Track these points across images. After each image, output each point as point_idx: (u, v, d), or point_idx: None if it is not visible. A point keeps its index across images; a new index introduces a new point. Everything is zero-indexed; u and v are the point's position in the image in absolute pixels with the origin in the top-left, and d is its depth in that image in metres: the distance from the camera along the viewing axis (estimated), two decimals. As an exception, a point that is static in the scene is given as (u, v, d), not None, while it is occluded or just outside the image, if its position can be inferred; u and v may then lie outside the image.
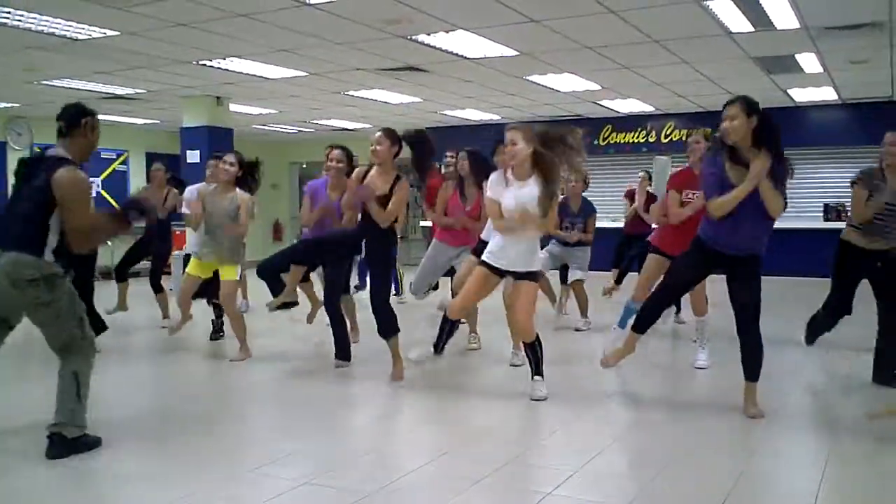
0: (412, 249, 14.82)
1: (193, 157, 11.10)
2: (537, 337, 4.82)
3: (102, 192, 12.81)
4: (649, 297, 4.78)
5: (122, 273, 7.91)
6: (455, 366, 5.98)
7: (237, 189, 6.05)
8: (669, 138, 13.23)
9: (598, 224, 7.63)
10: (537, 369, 4.84)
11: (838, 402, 4.87)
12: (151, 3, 6.06)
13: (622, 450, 4.06)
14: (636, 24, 6.88)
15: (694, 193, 5.49)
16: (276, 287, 5.63)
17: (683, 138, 13.11)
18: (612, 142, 13.67)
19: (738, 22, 6.80)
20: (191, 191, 7.43)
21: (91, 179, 6.37)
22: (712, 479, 3.47)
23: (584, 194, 7.48)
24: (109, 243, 8.23)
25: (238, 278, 6.19)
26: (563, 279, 8.05)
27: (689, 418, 4.47)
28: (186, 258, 7.06)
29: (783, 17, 6.62)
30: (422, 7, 6.28)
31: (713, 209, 4.20)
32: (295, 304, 5.83)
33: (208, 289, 6.43)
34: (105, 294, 7.22)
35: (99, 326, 6.14)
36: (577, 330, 7.37)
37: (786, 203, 4.16)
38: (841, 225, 5.91)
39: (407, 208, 17.02)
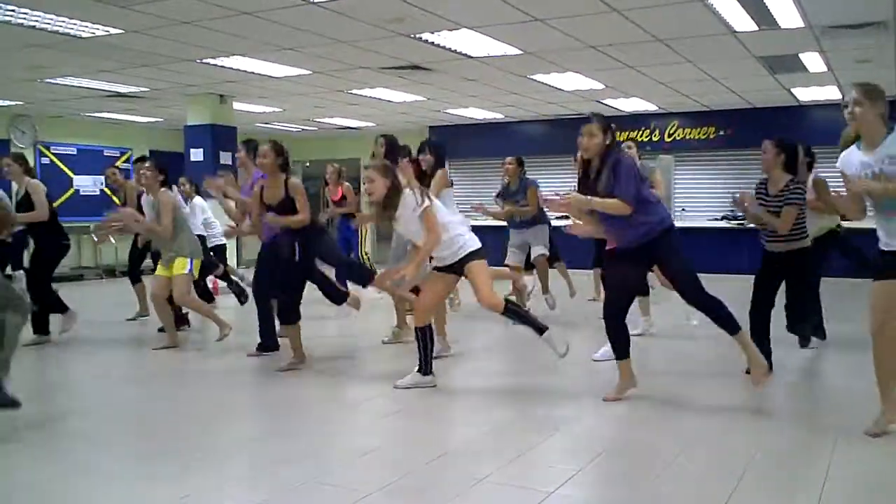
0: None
1: (197, 155, 11.12)
2: (507, 301, 4.95)
3: (105, 190, 12.81)
4: (606, 324, 4.75)
5: (134, 275, 8.06)
6: (454, 365, 5.98)
7: (161, 190, 6.43)
8: (673, 137, 13.22)
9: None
10: (537, 326, 4.93)
11: (842, 401, 4.85)
12: (155, 1, 6.07)
13: (624, 449, 4.05)
14: (640, 23, 6.87)
15: None
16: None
17: (687, 137, 13.12)
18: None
19: (742, 21, 6.79)
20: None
21: (95, 178, 6.56)
22: (715, 478, 3.46)
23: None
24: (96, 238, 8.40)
25: (187, 270, 6.38)
26: (529, 266, 8.09)
27: (692, 417, 4.46)
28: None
29: (787, 16, 6.61)
30: (426, 6, 6.28)
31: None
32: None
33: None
34: (108, 293, 7.21)
35: None
36: (549, 308, 7.67)
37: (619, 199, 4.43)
38: (846, 224, 5.93)
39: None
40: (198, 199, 8.69)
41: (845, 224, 6.08)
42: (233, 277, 8.71)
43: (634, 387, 4.75)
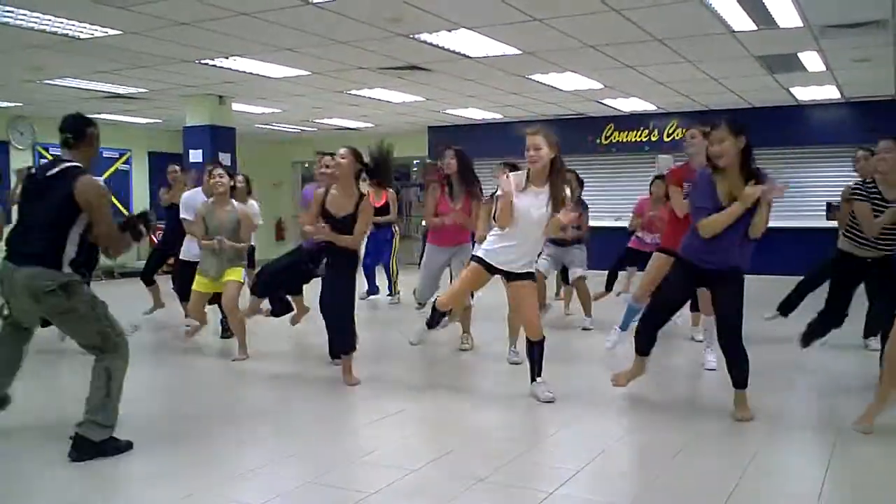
0: (414, 249, 14.81)
1: (196, 156, 11.10)
2: (543, 338, 4.84)
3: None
4: (642, 320, 4.73)
5: (149, 278, 8.11)
6: (454, 366, 5.98)
7: (234, 201, 6.20)
8: (672, 137, 13.21)
9: (602, 223, 7.63)
10: (539, 370, 4.84)
11: (840, 402, 4.86)
12: (154, 2, 6.06)
13: (624, 450, 4.05)
14: (638, 23, 6.87)
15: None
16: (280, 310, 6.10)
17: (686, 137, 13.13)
18: (614, 140, 13.65)
19: (740, 20, 6.79)
20: (189, 199, 7.06)
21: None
22: (715, 480, 3.46)
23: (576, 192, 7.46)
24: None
25: (242, 280, 6.20)
26: (566, 279, 8.05)
27: (691, 418, 4.46)
28: (181, 263, 7.05)
29: (786, 15, 6.61)
30: (424, 6, 6.28)
31: (702, 229, 4.21)
32: (289, 310, 6.08)
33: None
34: (108, 294, 7.19)
35: None
36: (584, 329, 7.31)
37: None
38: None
39: (409, 207, 17.10)
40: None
41: None
42: None
43: (642, 374, 4.76)
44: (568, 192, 4.98)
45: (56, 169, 3.77)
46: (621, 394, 4.94)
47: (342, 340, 5.27)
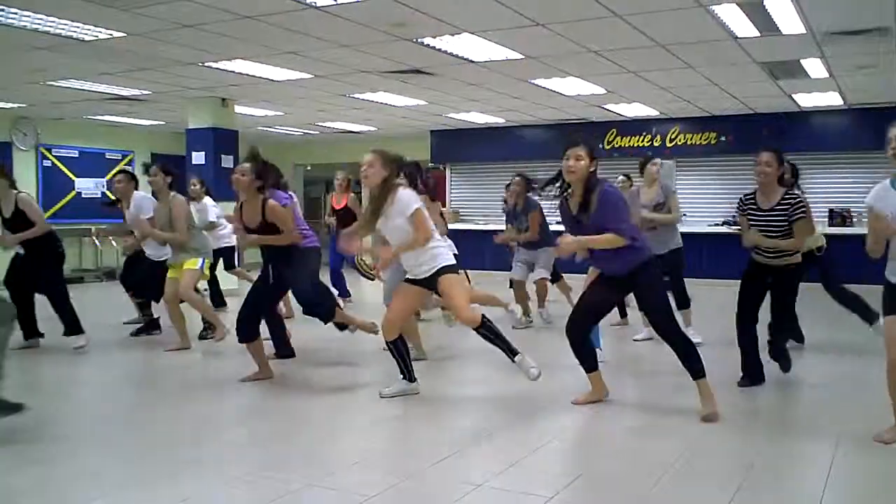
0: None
1: (199, 158, 11.11)
2: (484, 318, 4.81)
3: (108, 193, 12.82)
4: (571, 340, 4.77)
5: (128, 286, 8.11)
6: (452, 371, 5.97)
7: (171, 194, 6.53)
8: (674, 142, 13.22)
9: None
10: (510, 348, 4.80)
11: (840, 408, 4.84)
12: (158, 4, 6.07)
13: (622, 456, 4.04)
14: (642, 29, 6.87)
15: None
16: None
17: (688, 143, 13.12)
18: (616, 146, 13.66)
19: (744, 27, 6.79)
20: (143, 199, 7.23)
21: (96, 180, 6.55)
22: (715, 485, 3.45)
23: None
24: (98, 244, 8.45)
25: (197, 267, 6.48)
26: (554, 278, 8.24)
27: (690, 423, 4.45)
28: (149, 263, 7.16)
29: (789, 22, 6.61)
30: (428, 10, 6.28)
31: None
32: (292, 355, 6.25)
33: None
34: (109, 295, 7.20)
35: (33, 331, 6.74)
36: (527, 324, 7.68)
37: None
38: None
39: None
40: (207, 200, 8.68)
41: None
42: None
43: (603, 399, 4.83)
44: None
45: None
46: (618, 400, 4.93)
47: (324, 312, 5.72)
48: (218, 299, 8.82)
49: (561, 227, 4.66)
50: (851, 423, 4.42)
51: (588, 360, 4.79)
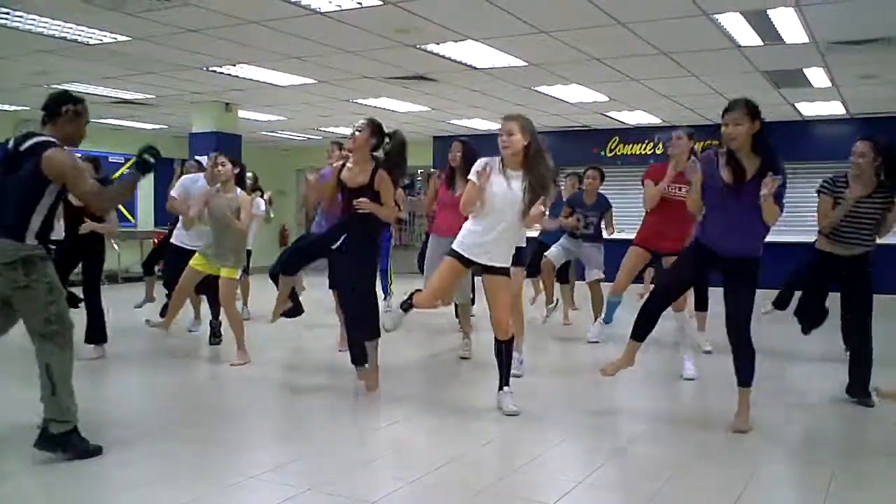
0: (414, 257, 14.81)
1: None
2: (512, 338, 4.74)
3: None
4: (645, 303, 4.63)
5: (149, 267, 8.23)
6: (455, 375, 5.97)
7: (238, 189, 6.13)
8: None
9: (606, 234, 7.59)
10: (507, 377, 4.72)
11: (841, 418, 4.84)
12: (162, 9, 6.10)
13: (623, 463, 4.04)
14: (645, 37, 6.89)
15: (672, 186, 5.72)
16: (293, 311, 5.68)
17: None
18: (619, 153, 13.68)
19: (747, 35, 6.81)
20: (188, 181, 7.06)
21: None
22: (715, 494, 3.45)
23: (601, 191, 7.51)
24: (117, 247, 8.40)
25: (237, 278, 6.20)
26: (563, 279, 8.01)
27: (694, 431, 4.45)
28: (173, 248, 7.00)
29: (792, 31, 6.63)
30: (431, 17, 6.30)
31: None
32: (300, 312, 5.79)
33: (210, 290, 6.47)
34: (109, 299, 7.20)
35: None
36: (590, 341, 7.09)
37: (782, 209, 4.11)
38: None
39: (413, 215, 17.10)
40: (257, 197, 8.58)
41: None
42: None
43: (630, 366, 4.67)
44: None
45: (27, 144, 3.77)
46: (619, 406, 4.93)
47: (368, 329, 5.12)
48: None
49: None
50: (853, 433, 4.42)
51: (644, 332, 4.56)
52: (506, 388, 4.72)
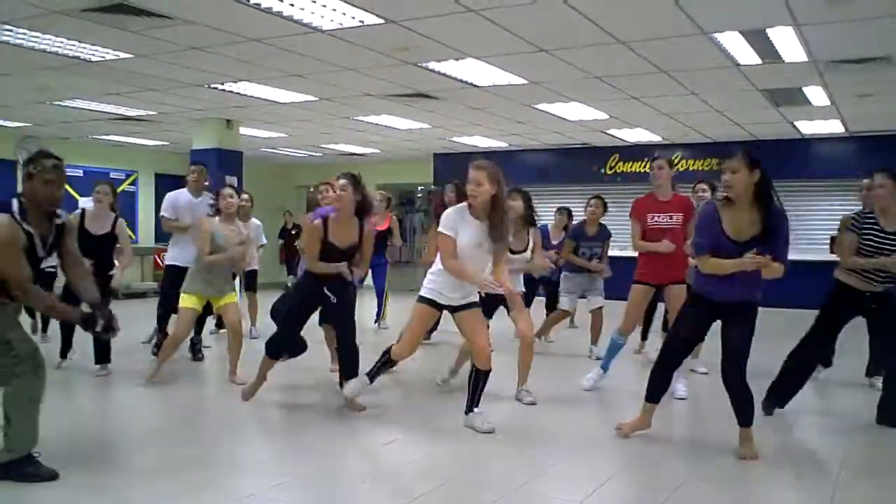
0: (419, 275, 14.82)
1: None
2: (490, 370, 4.79)
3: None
4: (656, 363, 4.56)
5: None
6: (456, 396, 5.94)
7: (238, 221, 6.27)
8: (676, 168, 13.22)
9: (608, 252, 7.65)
10: (478, 401, 4.79)
11: (843, 439, 4.81)
12: (165, 27, 6.13)
13: (626, 482, 4.02)
14: (645, 55, 6.92)
15: (660, 216, 5.69)
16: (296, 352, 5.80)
17: (690, 168, 13.17)
18: (618, 171, 13.71)
19: (746, 54, 6.84)
20: (173, 197, 7.19)
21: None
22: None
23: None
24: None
25: (238, 300, 6.35)
26: (551, 308, 8.10)
27: (693, 451, 4.43)
28: (169, 268, 7.05)
29: (791, 50, 6.66)
30: (432, 35, 6.33)
31: (703, 266, 4.16)
32: (303, 349, 5.85)
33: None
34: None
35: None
36: (597, 358, 7.02)
37: (787, 265, 4.05)
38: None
39: (413, 233, 17.13)
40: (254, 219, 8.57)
41: None
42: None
43: (647, 428, 4.63)
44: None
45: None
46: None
47: (355, 366, 5.23)
48: (219, 321, 8.79)
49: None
50: (855, 455, 4.40)
51: (659, 392, 4.54)
52: (476, 410, 4.77)
